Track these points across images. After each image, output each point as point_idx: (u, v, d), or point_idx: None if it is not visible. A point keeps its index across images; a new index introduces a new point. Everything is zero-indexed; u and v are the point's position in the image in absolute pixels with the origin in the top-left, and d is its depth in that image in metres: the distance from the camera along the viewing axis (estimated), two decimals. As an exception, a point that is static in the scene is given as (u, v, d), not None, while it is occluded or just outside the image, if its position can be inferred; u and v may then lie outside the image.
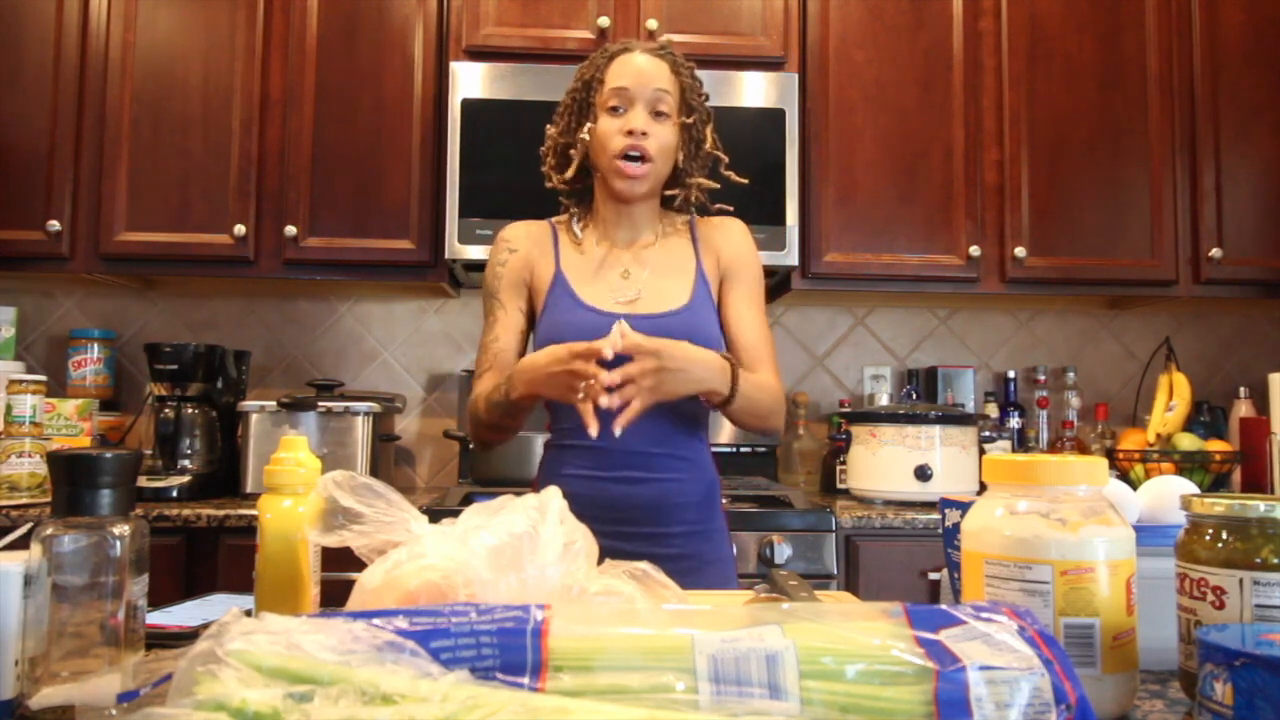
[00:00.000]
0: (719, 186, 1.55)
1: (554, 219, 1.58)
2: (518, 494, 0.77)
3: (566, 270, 1.49)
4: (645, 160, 1.42)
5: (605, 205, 1.51)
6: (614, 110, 1.45)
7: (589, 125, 1.47)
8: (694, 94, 1.50)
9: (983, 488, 0.88)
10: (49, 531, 0.69)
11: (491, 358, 1.49)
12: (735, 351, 1.49)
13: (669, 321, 1.43)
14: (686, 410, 1.46)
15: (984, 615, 0.58)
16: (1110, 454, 2.55)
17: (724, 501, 1.55)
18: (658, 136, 1.43)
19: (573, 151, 1.51)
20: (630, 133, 1.42)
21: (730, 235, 1.54)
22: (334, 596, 0.85)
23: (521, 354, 1.52)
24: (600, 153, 1.46)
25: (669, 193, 1.53)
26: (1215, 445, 2.50)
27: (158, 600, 0.95)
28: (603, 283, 1.48)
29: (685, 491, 1.45)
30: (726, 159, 1.55)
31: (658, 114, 1.44)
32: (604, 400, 1.21)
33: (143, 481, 2.21)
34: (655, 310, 1.45)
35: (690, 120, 1.48)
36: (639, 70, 1.45)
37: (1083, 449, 2.75)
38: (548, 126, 1.56)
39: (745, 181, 1.57)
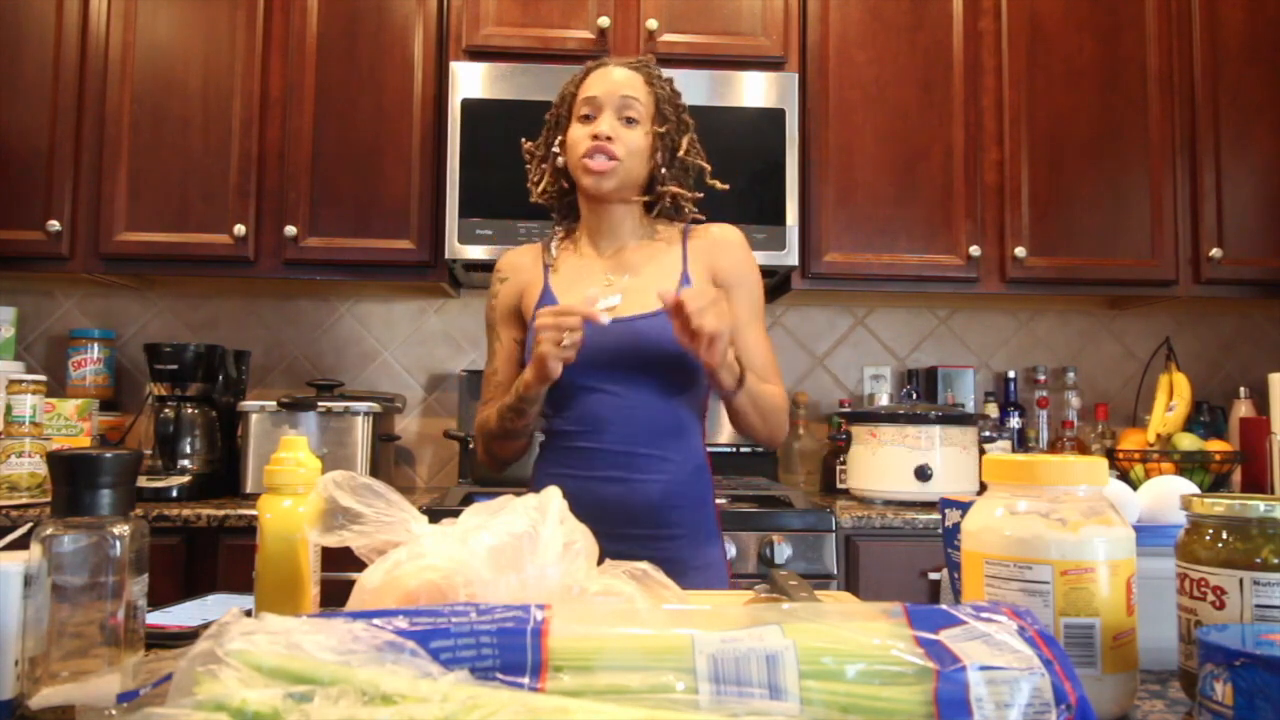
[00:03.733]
0: (700, 195, 1.55)
1: (547, 238, 1.61)
2: (518, 494, 0.77)
3: (554, 284, 1.52)
4: (611, 158, 1.44)
5: (587, 213, 1.54)
6: (585, 119, 1.48)
7: (559, 139, 1.52)
8: (669, 104, 1.51)
9: (983, 488, 0.88)
10: (49, 531, 0.69)
11: (494, 389, 1.56)
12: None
13: (650, 323, 1.43)
14: (676, 411, 1.47)
15: (984, 615, 0.58)
16: (1110, 454, 2.55)
17: (724, 502, 1.55)
18: (624, 141, 1.45)
19: (544, 165, 1.55)
20: (595, 136, 1.44)
21: (729, 249, 1.53)
22: (334, 596, 0.85)
23: None
24: (571, 158, 1.49)
25: (645, 198, 1.54)
26: (1215, 445, 2.49)
27: (158, 600, 0.95)
28: (584, 290, 1.47)
29: (674, 494, 1.44)
30: (709, 168, 1.56)
31: (628, 120, 1.47)
32: (568, 339, 1.30)
33: (143, 481, 2.21)
34: (636, 312, 1.44)
35: (664, 130, 1.50)
36: (610, 79, 1.48)
37: (1083, 449, 2.75)
38: (524, 141, 1.59)
39: (726, 188, 1.57)
